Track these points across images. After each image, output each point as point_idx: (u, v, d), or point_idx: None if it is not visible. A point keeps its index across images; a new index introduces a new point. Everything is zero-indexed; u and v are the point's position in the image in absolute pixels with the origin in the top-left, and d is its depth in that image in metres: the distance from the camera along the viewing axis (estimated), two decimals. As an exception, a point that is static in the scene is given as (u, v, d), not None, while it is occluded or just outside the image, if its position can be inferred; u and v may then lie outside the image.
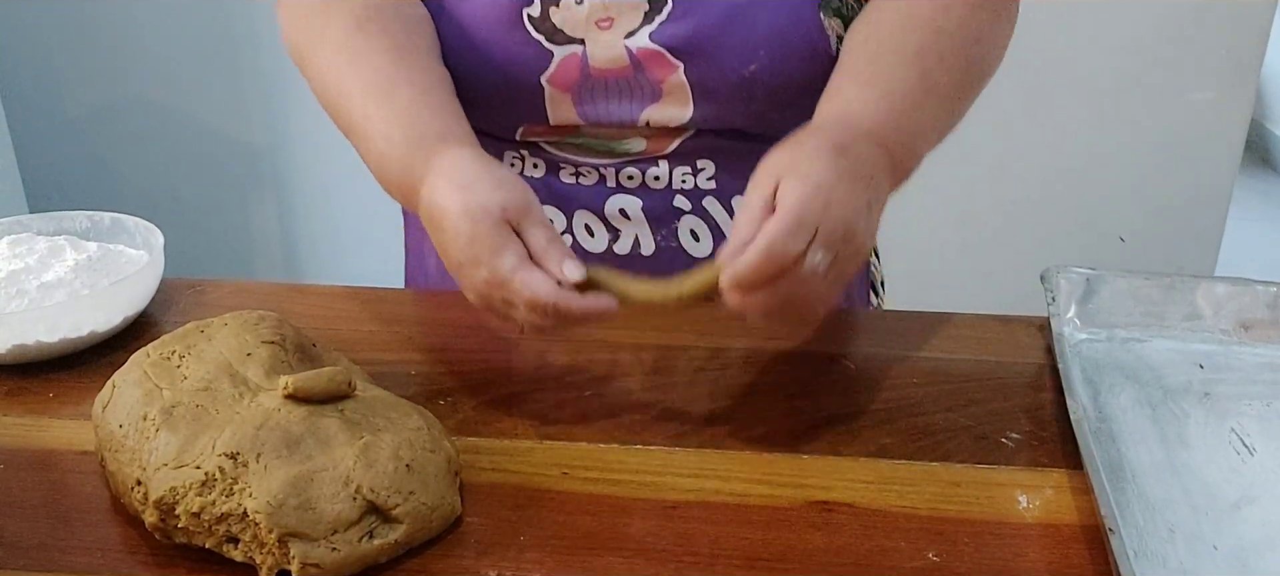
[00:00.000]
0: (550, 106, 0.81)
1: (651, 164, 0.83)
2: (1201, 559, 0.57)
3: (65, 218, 0.87)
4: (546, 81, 0.80)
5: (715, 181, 0.84)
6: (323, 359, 0.67)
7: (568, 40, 0.78)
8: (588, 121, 0.82)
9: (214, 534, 0.56)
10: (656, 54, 0.78)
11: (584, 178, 0.85)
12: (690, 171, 0.84)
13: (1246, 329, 0.77)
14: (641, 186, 0.84)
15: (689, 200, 0.84)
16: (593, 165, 0.84)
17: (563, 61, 0.79)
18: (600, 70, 0.79)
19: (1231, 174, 1.91)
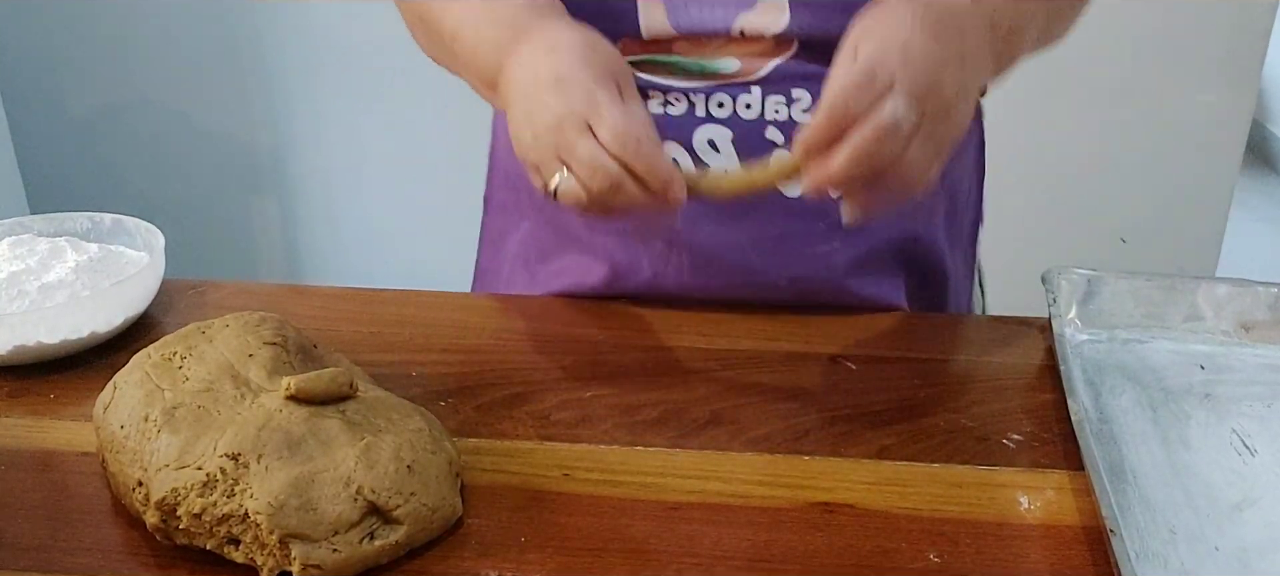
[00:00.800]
0: (643, 15, 0.78)
1: (743, 90, 0.79)
2: (1203, 560, 0.57)
3: (66, 219, 0.87)
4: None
5: (810, 113, 0.78)
6: (324, 360, 0.67)
7: None
8: (680, 30, 0.79)
9: (215, 535, 0.56)
10: None
11: (673, 107, 0.81)
12: (784, 100, 0.79)
13: (1247, 330, 0.77)
14: (732, 116, 0.80)
15: (781, 132, 0.80)
16: (682, 90, 0.80)
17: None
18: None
19: (1232, 175, 1.91)
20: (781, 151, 0.62)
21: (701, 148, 0.81)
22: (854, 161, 0.59)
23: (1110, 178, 1.89)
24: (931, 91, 0.60)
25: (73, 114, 2.18)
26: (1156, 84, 1.82)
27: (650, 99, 0.81)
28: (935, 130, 0.61)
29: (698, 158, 0.81)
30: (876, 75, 0.58)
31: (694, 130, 0.81)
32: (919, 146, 0.60)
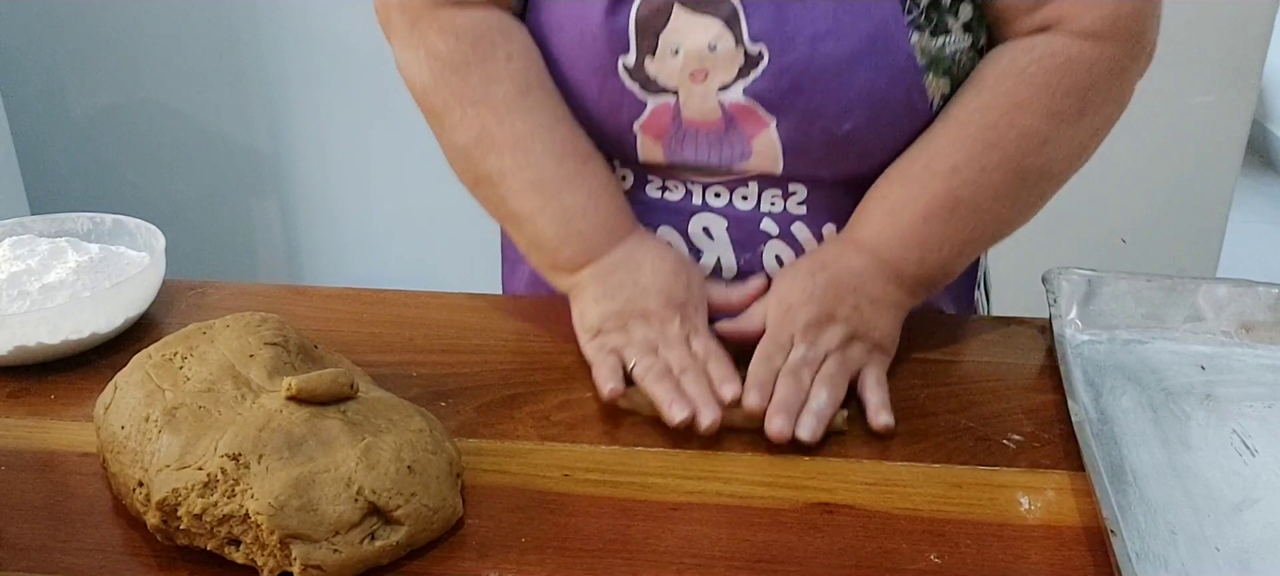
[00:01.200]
0: (640, 150, 0.81)
1: (741, 183, 0.82)
2: (1203, 560, 0.57)
3: (67, 219, 0.87)
4: (638, 128, 0.79)
5: (806, 205, 0.82)
6: (325, 360, 0.67)
7: (661, 90, 0.77)
8: (676, 164, 0.81)
9: (216, 536, 0.56)
10: (749, 109, 0.76)
11: (671, 192, 0.84)
12: (780, 194, 0.82)
13: (1248, 330, 0.77)
14: (728, 205, 0.83)
15: (776, 224, 0.83)
16: (680, 180, 0.83)
17: (655, 110, 0.78)
18: (692, 121, 0.78)
19: (1233, 175, 1.91)
20: None
21: (696, 234, 0.84)
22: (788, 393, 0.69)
23: (1111, 178, 1.88)
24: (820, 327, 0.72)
25: (73, 114, 2.18)
26: (1157, 84, 1.81)
27: (649, 183, 0.84)
28: (846, 353, 0.72)
29: (693, 244, 0.84)
30: (778, 334, 0.73)
31: (690, 217, 0.84)
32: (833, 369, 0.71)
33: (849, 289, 0.73)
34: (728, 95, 0.76)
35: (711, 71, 0.76)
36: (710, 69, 0.76)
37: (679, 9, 0.75)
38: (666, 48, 0.76)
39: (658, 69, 0.76)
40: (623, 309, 0.74)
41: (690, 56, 0.75)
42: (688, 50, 0.75)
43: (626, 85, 0.77)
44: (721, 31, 0.74)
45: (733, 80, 0.76)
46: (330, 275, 2.27)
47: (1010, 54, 0.75)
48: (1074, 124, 0.74)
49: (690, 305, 0.75)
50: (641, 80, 0.77)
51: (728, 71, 0.75)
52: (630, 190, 0.85)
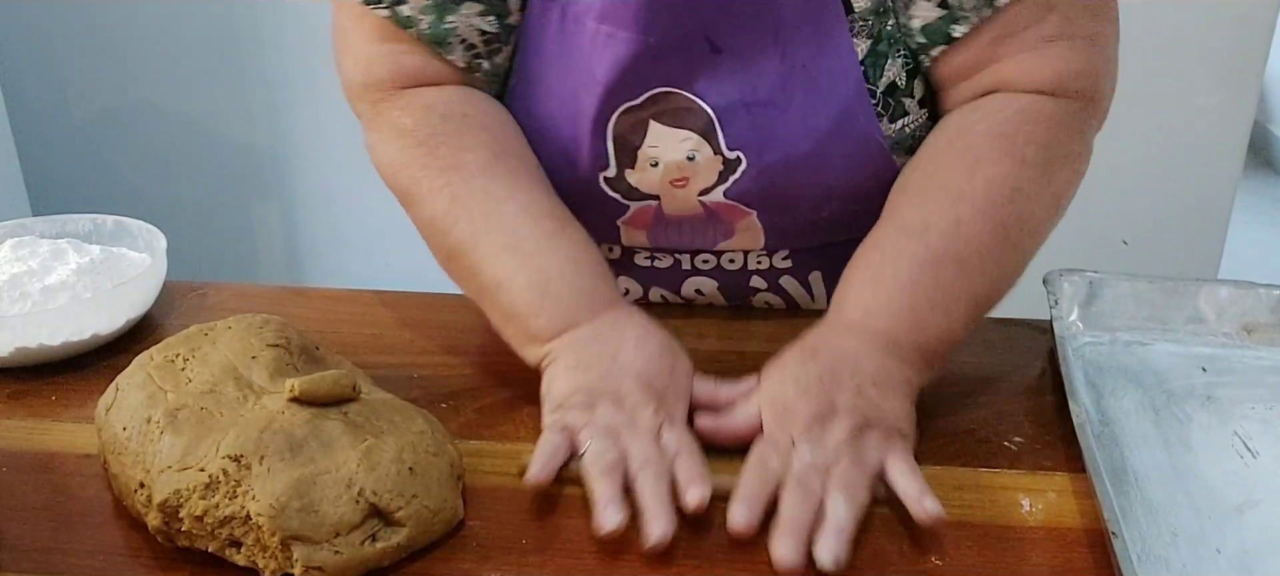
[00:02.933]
0: (625, 238, 0.83)
1: (727, 251, 0.84)
2: (1204, 562, 0.57)
3: (68, 220, 0.87)
4: (622, 224, 0.81)
5: (791, 260, 0.84)
6: (327, 362, 0.67)
7: (643, 197, 0.78)
8: (659, 247, 0.83)
9: (217, 537, 0.56)
10: (730, 205, 0.78)
11: (660, 261, 0.85)
12: (766, 255, 0.84)
13: (1249, 332, 0.77)
14: (717, 268, 0.85)
15: (764, 279, 0.85)
16: (668, 249, 0.84)
17: (637, 211, 0.80)
18: (675, 216, 0.79)
19: (1234, 177, 1.91)
20: None
21: (689, 293, 0.86)
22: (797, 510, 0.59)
23: (1112, 180, 1.88)
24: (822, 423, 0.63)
25: (75, 116, 2.18)
26: (1158, 86, 1.82)
27: (637, 255, 0.86)
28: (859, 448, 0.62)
29: (687, 300, 0.87)
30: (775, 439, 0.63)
31: (682, 282, 0.85)
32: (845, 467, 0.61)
33: (847, 372, 0.65)
34: (709, 197, 0.77)
35: (691, 178, 0.76)
36: (690, 176, 0.76)
37: (655, 124, 0.75)
38: (645, 160, 0.76)
39: (638, 179, 0.77)
40: (594, 385, 0.65)
41: (669, 168, 0.76)
42: (667, 162, 0.76)
43: (608, 194, 0.78)
44: (699, 142, 0.75)
45: (713, 184, 0.77)
46: (331, 276, 2.26)
47: (956, 118, 0.74)
48: (1043, 170, 0.70)
49: (670, 394, 0.66)
50: (623, 190, 0.78)
51: (707, 177, 0.76)
52: (618, 260, 0.86)
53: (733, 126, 0.74)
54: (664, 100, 0.74)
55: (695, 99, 0.74)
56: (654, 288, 0.87)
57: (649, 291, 0.87)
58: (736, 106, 0.74)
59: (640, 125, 0.75)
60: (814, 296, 0.87)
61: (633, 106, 0.74)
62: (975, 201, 0.69)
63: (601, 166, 0.77)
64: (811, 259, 0.84)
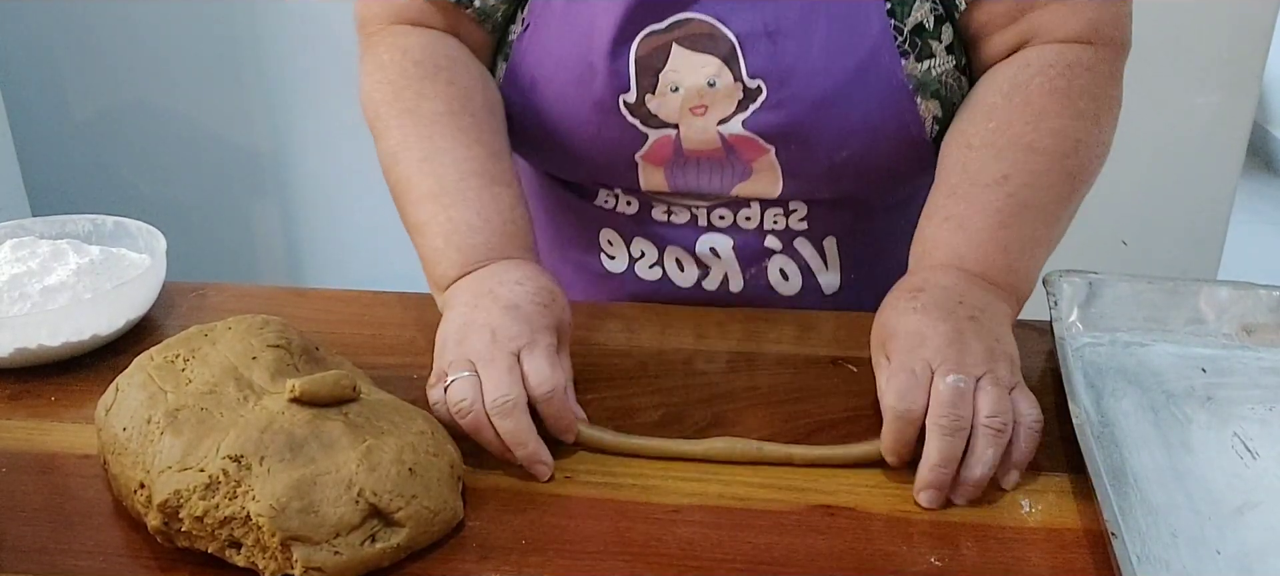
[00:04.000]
0: (642, 177, 0.82)
1: (743, 205, 0.84)
2: (1204, 563, 0.57)
3: (68, 221, 0.87)
4: (640, 158, 0.80)
5: (807, 222, 0.84)
6: (328, 362, 0.67)
7: (662, 125, 0.78)
8: (677, 190, 0.83)
9: (217, 538, 0.56)
10: (749, 139, 0.78)
11: (676, 216, 0.85)
12: (782, 213, 0.84)
13: (1249, 333, 0.77)
14: (733, 226, 0.85)
15: (779, 240, 0.85)
16: (685, 205, 0.85)
17: (656, 142, 0.79)
18: (693, 150, 0.79)
19: (1234, 177, 1.91)
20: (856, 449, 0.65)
21: (703, 254, 0.86)
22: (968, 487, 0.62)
23: (1111, 180, 1.88)
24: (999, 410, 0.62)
25: (75, 117, 2.18)
26: (1157, 86, 1.82)
27: (655, 207, 0.86)
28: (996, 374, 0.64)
29: (700, 261, 0.87)
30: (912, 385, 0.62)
31: (697, 238, 0.86)
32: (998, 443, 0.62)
33: (957, 302, 0.67)
34: (727, 127, 0.77)
35: (711, 106, 0.77)
36: (709, 104, 0.77)
37: (677, 48, 0.75)
38: (666, 85, 0.76)
39: (658, 105, 0.77)
40: (468, 319, 0.68)
41: (690, 93, 0.76)
42: (687, 87, 0.76)
43: (628, 120, 0.78)
44: (720, 68, 0.75)
45: (732, 114, 0.77)
46: (331, 277, 2.26)
47: (1008, 73, 0.75)
48: (1096, 122, 0.74)
49: (537, 320, 0.67)
50: (642, 116, 0.78)
51: (727, 106, 0.77)
52: (636, 215, 0.87)
53: (754, 55, 0.75)
54: (687, 25, 0.75)
55: (718, 24, 0.75)
56: (670, 247, 0.87)
57: (665, 252, 0.87)
58: (759, 34, 0.74)
59: (663, 49, 0.76)
60: (827, 264, 0.87)
61: (656, 30, 0.75)
62: (1048, 154, 0.72)
63: (622, 88, 0.77)
64: (827, 219, 0.85)
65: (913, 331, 0.65)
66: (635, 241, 0.88)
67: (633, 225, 0.87)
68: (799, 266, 0.87)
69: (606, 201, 0.87)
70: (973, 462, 0.61)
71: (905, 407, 0.61)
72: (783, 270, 0.86)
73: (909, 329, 0.65)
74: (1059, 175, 0.72)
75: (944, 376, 0.61)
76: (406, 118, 0.77)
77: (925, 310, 0.66)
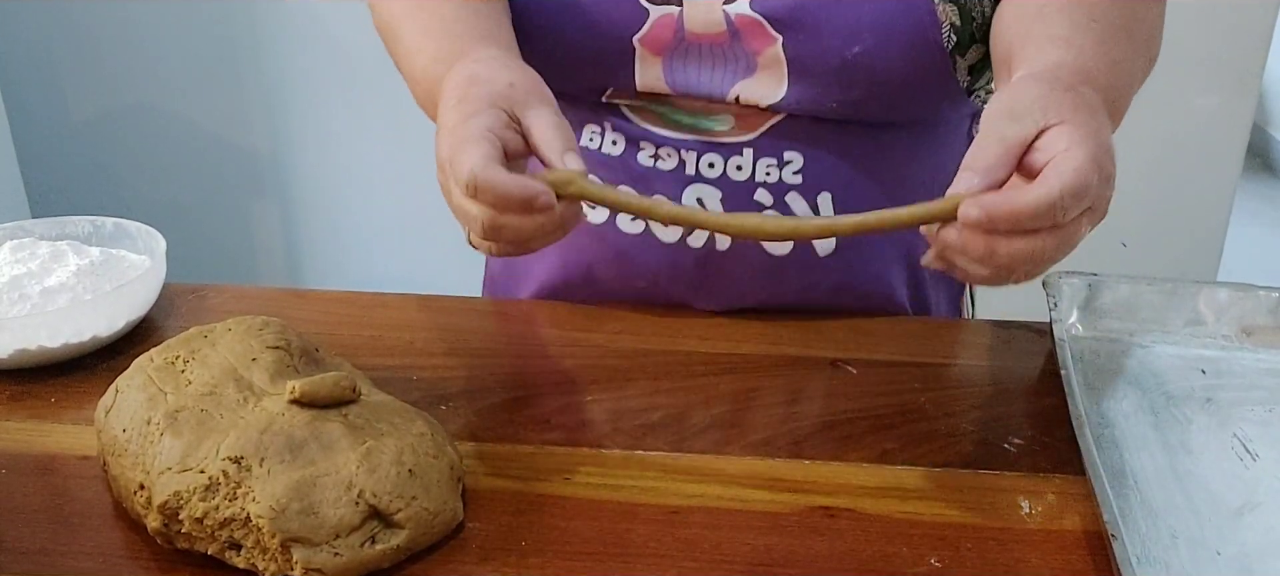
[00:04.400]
0: (639, 69, 0.77)
1: (736, 152, 0.79)
2: (1204, 565, 0.57)
3: (67, 222, 0.87)
4: (638, 42, 0.76)
5: (801, 175, 0.79)
6: (328, 364, 0.67)
7: (665, 1, 0.74)
8: (676, 90, 0.78)
9: (216, 539, 0.56)
10: (756, 22, 0.73)
11: (664, 161, 0.80)
12: (775, 163, 0.79)
13: (1249, 334, 0.77)
14: (722, 176, 0.80)
15: (771, 194, 0.80)
16: (674, 144, 0.80)
17: (657, 21, 0.75)
18: (696, 34, 0.74)
19: (1233, 179, 1.91)
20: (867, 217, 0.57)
21: (690, 203, 0.81)
22: (1023, 263, 0.55)
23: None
24: (1101, 209, 0.57)
25: (74, 118, 2.18)
26: (1157, 88, 1.81)
27: (640, 149, 0.81)
28: (1082, 232, 0.57)
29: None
30: (1086, 190, 0.54)
31: (683, 188, 0.81)
32: (1064, 247, 0.56)
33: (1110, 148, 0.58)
34: (734, 7, 0.73)
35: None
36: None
37: None
38: None
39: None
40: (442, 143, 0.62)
41: None
42: None
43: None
44: None
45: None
46: (331, 278, 2.27)
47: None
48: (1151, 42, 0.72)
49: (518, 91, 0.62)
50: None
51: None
52: (621, 157, 0.82)
53: None
54: None
55: None
56: (656, 194, 0.81)
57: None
58: None
59: None
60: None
61: None
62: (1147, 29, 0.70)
63: None
64: (824, 169, 0.79)
65: (1103, 151, 0.56)
66: (619, 187, 0.81)
67: (618, 167, 0.82)
68: None
69: (591, 139, 0.83)
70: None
71: (1053, 217, 0.53)
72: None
73: (1102, 145, 0.56)
74: (1142, 62, 0.70)
75: (1083, 221, 0.55)
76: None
77: (1109, 142, 0.57)
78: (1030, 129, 0.56)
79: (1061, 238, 0.55)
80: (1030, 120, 0.56)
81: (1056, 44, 0.64)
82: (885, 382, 0.74)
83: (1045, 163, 0.54)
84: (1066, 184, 0.53)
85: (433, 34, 0.70)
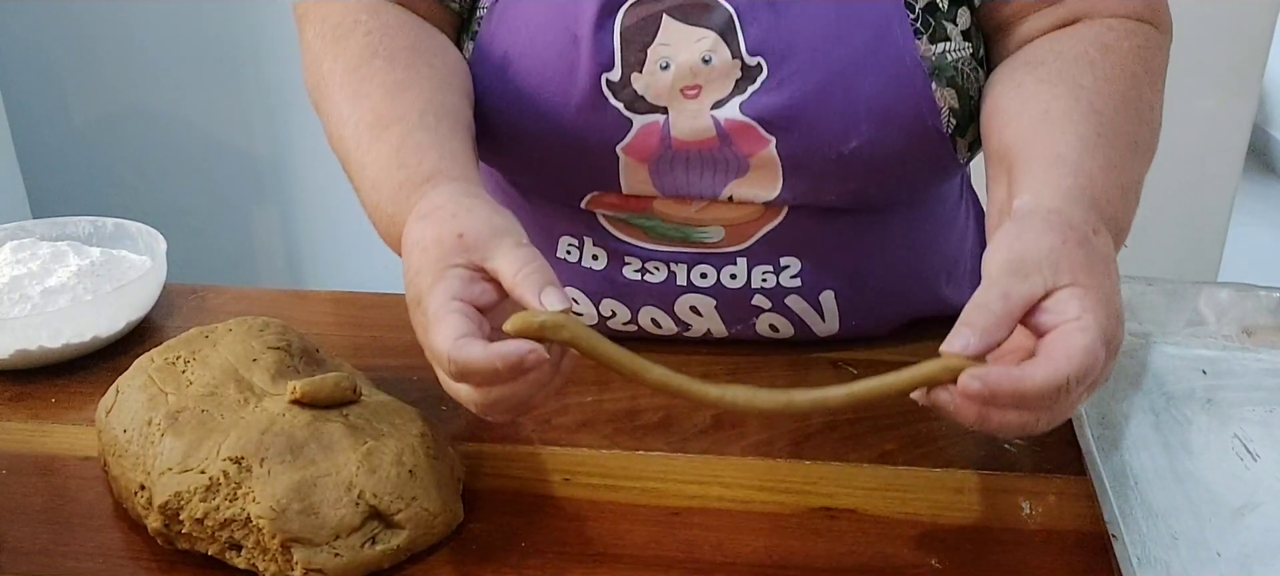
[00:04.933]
0: (624, 175, 0.72)
1: (729, 261, 0.74)
2: (1205, 565, 0.57)
3: (68, 223, 0.87)
4: (622, 150, 0.70)
5: (800, 279, 0.75)
6: (328, 364, 0.67)
7: (649, 109, 0.69)
8: (664, 194, 0.73)
9: (217, 540, 0.56)
10: (747, 126, 0.68)
11: (652, 274, 0.75)
12: (772, 269, 0.74)
13: (1249, 334, 0.77)
14: (716, 285, 0.75)
15: (769, 298, 0.75)
16: (663, 257, 0.75)
17: (641, 130, 0.69)
18: (683, 142, 0.69)
19: (1234, 179, 1.91)
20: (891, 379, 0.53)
21: (683, 312, 0.77)
22: (1014, 431, 0.52)
23: (1112, 182, 1.88)
24: (1101, 383, 0.54)
25: (75, 119, 2.19)
26: (1158, 88, 1.82)
27: (626, 263, 0.76)
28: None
29: (680, 319, 0.77)
30: (1092, 374, 0.51)
31: (675, 299, 0.76)
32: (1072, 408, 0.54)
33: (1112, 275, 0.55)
34: (723, 112, 0.69)
35: (705, 86, 0.68)
36: (704, 83, 0.68)
37: (668, 20, 0.67)
38: (655, 62, 0.68)
39: (645, 85, 0.68)
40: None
41: (682, 71, 0.68)
42: (679, 65, 0.67)
43: (610, 103, 0.69)
44: (716, 43, 0.67)
45: (728, 95, 0.68)
46: (330, 279, 2.27)
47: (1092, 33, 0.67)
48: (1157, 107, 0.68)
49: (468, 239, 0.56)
50: (627, 98, 0.68)
51: (723, 86, 0.68)
52: (604, 271, 0.77)
53: (754, 27, 0.67)
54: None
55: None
56: (645, 307, 0.77)
57: (638, 313, 0.77)
58: (759, 4, 0.67)
59: (652, 20, 0.67)
60: (825, 317, 0.77)
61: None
62: (1151, 130, 0.67)
63: (604, 65, 0.68)
64: (823, 271, 0.75)
65: (1114, 321, 0.53)
66: (604, 302, 0.77)
67: (603, 282, 0.77)
68: (792, 321, 0.77)
69: (569, 252, 0.77)
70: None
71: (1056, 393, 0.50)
72: (773, 324, 0.77)
73: (1113, 306, 0.53)
74: (1147, 152, 0.66)
75: (1102, 376, 0.53)
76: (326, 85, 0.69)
77: (1108, 269, 0.55)
78: (1038, 289, 0.53)
79: (1058, 411, 0.52)
80: (1038, 278, 0.53)
81: (1064, 169, 0.60)
82: (886, 383, 0.74)
83: (1052, 325, 0.52)
84: (1075, 368, 0.50)
85: (382, 178, 0.64)
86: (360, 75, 0.67)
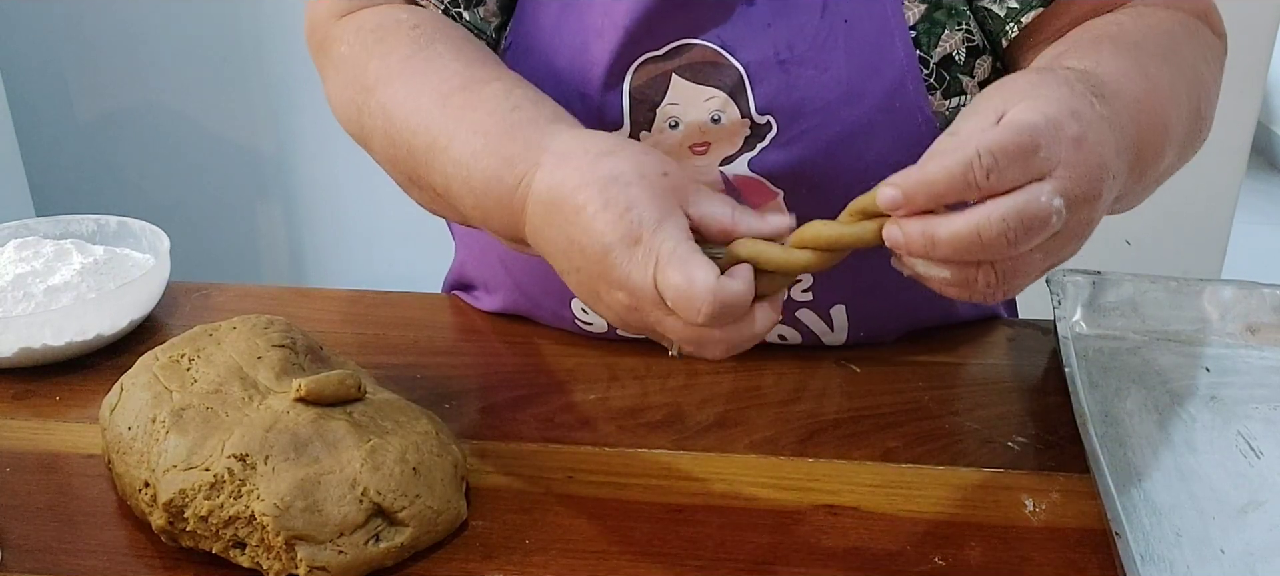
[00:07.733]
0: None
1: None
2: (1208, 563, 0.57)
3: (72, 221, 0.87)
4: None
5: (812, 293, 0.75)
6: (333, 362, 0.67)
7: None
8: None
9: (221, 537, 0.56)
10: (755, 182, 0.68)
11: None
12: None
13: (1253, 332, 0.77)
14: None
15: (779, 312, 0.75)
16: None
17: None
18: None
19: (1237, 177, 1.91)
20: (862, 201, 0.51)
21: None
22: (974, 243, 0.47)
23: (1115, 180, 1.88)
24: (1087, 199, 0.49)
25: (78, 117, 2.19)
26: (1161, 86, 1.82)
27: None
28: (1064, 246, 0.50)
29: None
30: (1040, 151, 0.47)
31: None
32: (1042, 255, 0.50)
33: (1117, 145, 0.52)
34: (731, 168, 0.69)
35: (713, 144, 0.68)
36: (712, 141, 0.68)
37: (677, 79, 0.67)
38: (664, 121, 0.67)
39: (654, 143, 0.68)
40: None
41: (691, 130, 0.67)
42: (688, 123, 0.67)
43: None
44: (725, 102, 0.67)
45: (737, 152, 0.68)
46: (334, 277, 2.27)
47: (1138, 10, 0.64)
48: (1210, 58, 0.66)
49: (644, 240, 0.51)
50: None
51: (732, 144, 0.68)
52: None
53: (764, 86, 0.66)
54: (689, 52, 0.66)
55: (724, 53, 0.66)
56: None
57: None
58: (769, 63, 0.66)
59: (661, 79, 0.67)
60: (834, 328, 0.77)
61: (654, 57, 0.67)
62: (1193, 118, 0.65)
63: (613, 125, 0.68)
64: (834, 287, 0.74)
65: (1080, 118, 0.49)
66: None
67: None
68: (800, 331, 0.77)
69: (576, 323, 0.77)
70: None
71: (986, 172, 0.46)
72: (781, 334, 0.77)
73: (1078, 112, 0.49)
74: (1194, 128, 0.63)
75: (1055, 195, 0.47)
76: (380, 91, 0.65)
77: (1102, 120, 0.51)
78: (989, 115, 0.49)
79: (1021, 217, 0.47)
80: (990, 105, 0.49)
81: (1065, 57, 0.58)
82: (889, 381, 0.74)
83: None
84: (987, 141, 0.45)
85: (490, 123, 0.58)
86: (424, 56, 0.63)
